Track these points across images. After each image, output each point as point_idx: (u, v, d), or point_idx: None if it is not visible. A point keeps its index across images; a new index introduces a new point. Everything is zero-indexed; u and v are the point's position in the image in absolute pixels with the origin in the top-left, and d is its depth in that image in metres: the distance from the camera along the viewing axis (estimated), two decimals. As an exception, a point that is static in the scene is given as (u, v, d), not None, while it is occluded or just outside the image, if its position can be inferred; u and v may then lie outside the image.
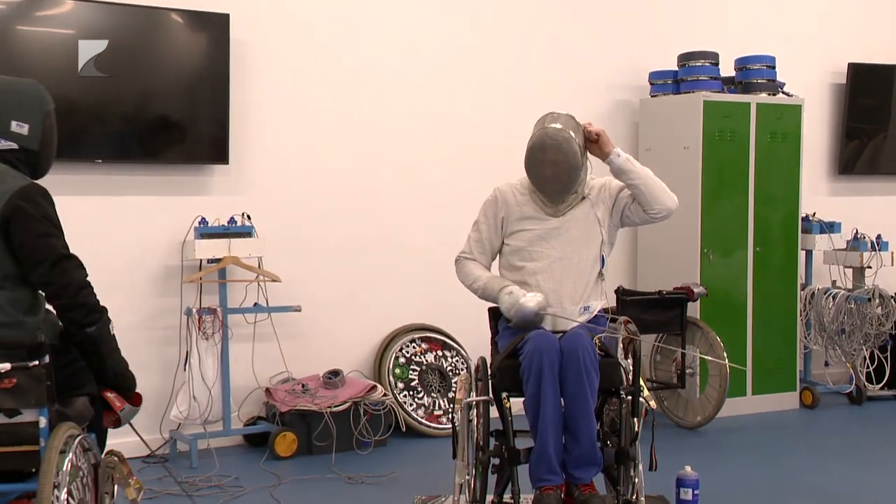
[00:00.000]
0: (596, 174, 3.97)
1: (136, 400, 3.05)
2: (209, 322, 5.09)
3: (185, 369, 5.13)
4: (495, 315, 4.00)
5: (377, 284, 5.79)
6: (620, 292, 5.52)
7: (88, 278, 2.90)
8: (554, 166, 3.73)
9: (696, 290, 5.66)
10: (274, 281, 5.26)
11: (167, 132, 5.19)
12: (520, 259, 3.85)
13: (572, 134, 3.74)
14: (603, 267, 3.87)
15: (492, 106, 6.03)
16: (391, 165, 5.82)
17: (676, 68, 6.23)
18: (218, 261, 5.11)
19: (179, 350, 5.20)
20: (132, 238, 5.18)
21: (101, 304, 2.93)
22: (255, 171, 5.46)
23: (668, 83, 6.24)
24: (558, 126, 3.75)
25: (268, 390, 5.35)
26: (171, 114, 5.18)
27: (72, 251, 2.90)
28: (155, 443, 5.16)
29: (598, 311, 3.86)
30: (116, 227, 5.14)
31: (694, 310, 5.84)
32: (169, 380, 5.21)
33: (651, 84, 6.34)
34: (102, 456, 2.99)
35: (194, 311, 5.10)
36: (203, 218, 5.15)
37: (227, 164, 5.31)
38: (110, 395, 2.99)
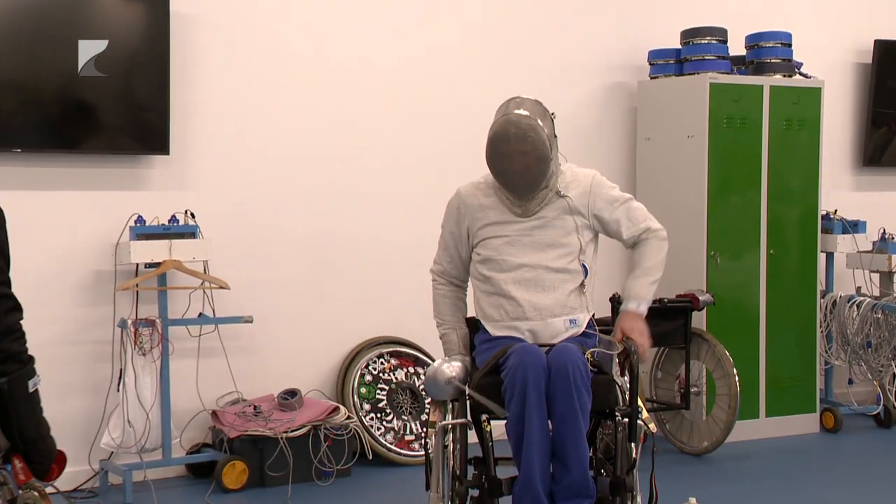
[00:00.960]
0: (572, 162, 3.99)
1: (49, 476, 2.95)
2: (147, 335, 5.07)
3: (118, 390, 5.09)
4: (473, 327, 4.01)
5: (340, 292, 5.77)
6: (616, 300, 5.52)
7: (22, 322, 2.86)
8: (521, 157, 3.72)
9: (701, 297, 5.67)
10: (222, 288, 5.25)
11: (98, 118, 5.16)
12: (489, 269, 3.87)
13: (539, 122, 3.74)
14: (586, 276, 3.88)
15: (471, 91, 6.00)
16: (358, 157, 5.81)
17: (679, 46, 6.25)
18: (157, 265, 5.09)
19: (112, 368, 5.16)
20: (58, 239, 5.15)
21: (28, 354, 2.87)
22: (199, 163, 5.44)
23: (670, 63, 6.26)
24: (523, 112, 3.75)
25: (214, 413, 5.33)
26: (102, 96, 5.15)
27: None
28: (83, 475, 5.12)
29: (590, 322, 3.89)
30: (39, 226, 5.10)
31: (699, 320, 5.86)
32: (100, 402, 5.18)
33: (651, 64, 6.36)
34: (20, 491, 2.96)
35: (129, 322, 5.07)
36: (140, 216, 5.13)
37: (168, 154, 5.28)
38: (17, 465, 2.89)
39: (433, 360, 5.70)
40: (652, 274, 3.96)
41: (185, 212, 5.21)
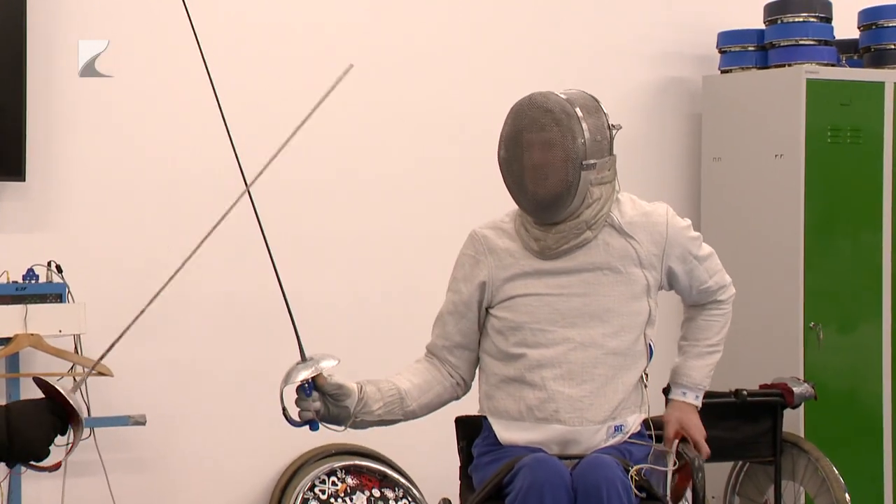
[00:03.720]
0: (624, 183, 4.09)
1: None
2: (-10, 444, 5.08)
3: (-52, 524, 5.11)
4: (467, 430, 4.05)
5: (273, 379, 5.75)
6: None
7: None
8: (543, 151, 3.78)
9: (796, 389, 5.66)
10: (102, 375, 5.23)
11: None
12: (517, 343, 3.89)
13: (577, 110, 3.82)
14: (649, 362, 3.95)
15: (481, 90, 6.06)
16: (295, 181, 5.80)
17: (763, 26, 6.31)
18: (6, 341, 5.10)
19: (-60, 491, 5.18)
20: None
21: None
22: (68, 193, 5.47)
23: (750, 50, 6.33)
24: (559, 92, 3.87)
25: (88, 558, 5.33)
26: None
27: None
28: None
29: (639, 427, 3.93)
30: None
31: (795, 422, 5.87)
32: (-79, 542, 5.19)
33: (722, 52, 6.43)
34: None
35: (-35, 425, 5.08)
36: (-19, 270, 5.18)
37: (23, 180, 5.31)
38: None
39: (406, 478, 5.76)
40: (715, 354, 4.09)
41: (48, 263, 5.23)
